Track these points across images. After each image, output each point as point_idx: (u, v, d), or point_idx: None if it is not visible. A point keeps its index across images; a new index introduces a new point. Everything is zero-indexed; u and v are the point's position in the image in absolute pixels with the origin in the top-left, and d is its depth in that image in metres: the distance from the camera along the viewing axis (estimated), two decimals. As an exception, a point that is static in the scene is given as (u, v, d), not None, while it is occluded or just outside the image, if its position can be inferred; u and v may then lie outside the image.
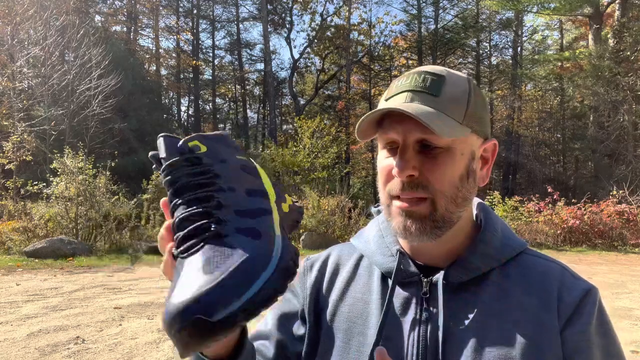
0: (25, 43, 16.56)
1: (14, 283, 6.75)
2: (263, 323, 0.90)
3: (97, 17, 26.28)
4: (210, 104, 33.25)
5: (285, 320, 0.87)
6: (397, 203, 0.75)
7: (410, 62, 29.94)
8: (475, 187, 0.78)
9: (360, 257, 0.88)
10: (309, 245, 11.40)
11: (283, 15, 30.97)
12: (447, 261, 0.78)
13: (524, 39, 29.18)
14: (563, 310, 0.72)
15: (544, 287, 0.74)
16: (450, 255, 0.79)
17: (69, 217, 10.40)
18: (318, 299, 0.87)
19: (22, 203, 11.18)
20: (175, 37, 30.45)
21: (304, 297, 0.88)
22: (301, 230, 12.09)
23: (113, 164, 11.50)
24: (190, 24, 31.31)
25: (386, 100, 0.77)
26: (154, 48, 29.82)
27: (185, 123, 32.42)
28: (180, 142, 0.61)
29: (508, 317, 0.72)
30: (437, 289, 0.75)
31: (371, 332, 0.77)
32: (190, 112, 33.74)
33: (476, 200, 0.86)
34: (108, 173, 11.26)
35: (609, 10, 21.38)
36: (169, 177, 0.59)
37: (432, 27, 28.51)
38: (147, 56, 29.42)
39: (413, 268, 0.79)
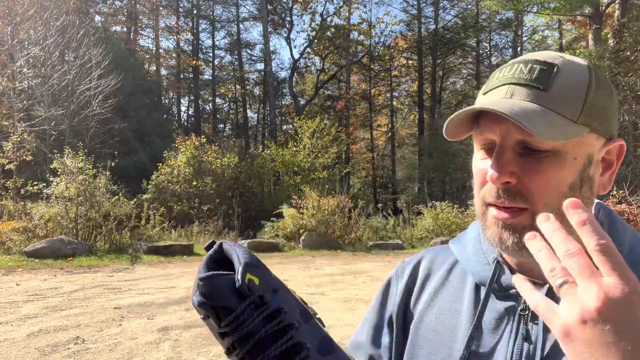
0: (25, 43, 16.58)
1: (14, 283, 6.75)
2: (359, 331, 0.86)
3: (97, 17, 26.32)
4: (210, 104, 33.28)
5: (376, 332, 0.82)
6: (492, 212, 0.66)
7: (410, 62, 29.95)
8: (593, 196, 0.67)
9: (455, 263, 0.80)
10: (309, 245, 11.40)
11: (283, 15, 30.99)
12: None
13: (524, 39, 29.21)
14: None
15: None
16: None
17: (69, 217, 10.40)
18: (407, 305, 0.80)
19: (22, 203, 11.19)
20: (175, 37, 30.48)
21: (393, 304, 0.82)
22: (301, 230, 12.09)
23: (113, 164, 11.51)
24: (190, 24, 31.34)
25: (484, 94, 0.68)
26: (154, 48, 29.85)
27: (185, 123, 32.45)
28: (240, 283, 0.52)
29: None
30: None
31: (458, 346, 0.69)
32: (190, 112, 33.81)
33: (596, 202, 0.74)
34: (108, 173, 11.27)
35: (609, 10, 21.38)
36: (241, 331, 0.51)
37: (432, 27, 28.52)
38: (147, 56, 29.45)
39: (510, 282, 0.69)
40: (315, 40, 30.30)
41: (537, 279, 0.68)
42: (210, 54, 32.06)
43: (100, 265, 8.71)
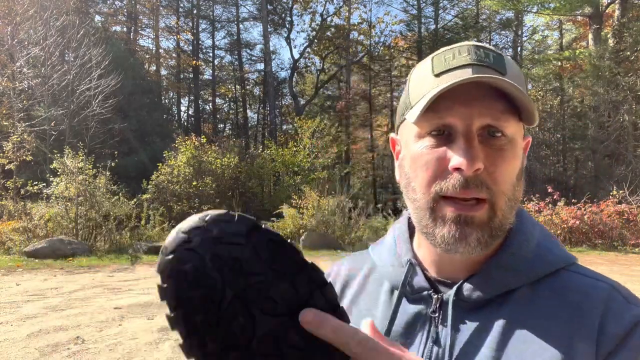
0: (25, 43, 16.57)
1: (14, 283, 6.75)
2: None
3: (97, 17, 26.32)
4: (210, 104, 33.28)
5: None
6: (449, 206, 0.60)
7: (410, 62, 29.93)
8: (523, 186, 0.65)
9: (373, 268, 0.78)
10: (309, 245, 11.39)
11: (283, 15, 30.98)
12: (468, 275, 0.66)
13: (524, 39, 29.19)
14: (604, 343, 0.56)
15: (582, 312, 0.58)
16: (472, 268, 0.66)
17: (69, 217, 10.39)
18: None
19: (22, 203, 11.18)
20: (175, 37, 30.47)
21: None
22: (301, 231, 12.09)
23: (113, 164, 11.51)
24: (190, 24, 31.33)
25: (437, 75, 0.62)
26: (154, 48, 29.85)
27: (185, 123, 32.44)
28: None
29: (530, 347, 0.58)
30: (447, 308, 0.63)
31: None
32: (190, 112, 33.80)
33: None
34: (108, 173, 11.26)
35: (609, 10, 21.37)
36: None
37: (432, 27, 28.52)
38: (147, 56, 29.44)
39: (423, 282, 0.67)
40: (315, 40, 30.30)
41: (449, 278, 0.67)
42: (210, 54, 32.08)
43: (100, 265, 8.70)
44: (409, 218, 0.76)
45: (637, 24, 19.28)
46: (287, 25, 30.63)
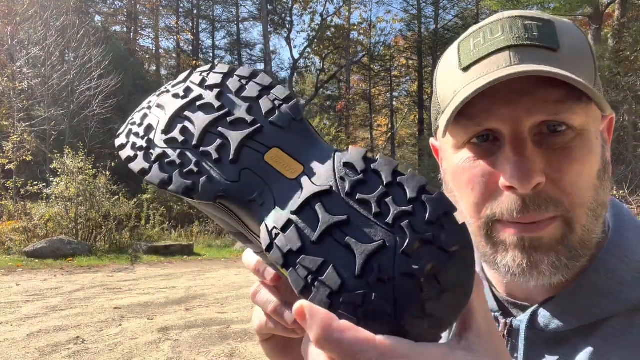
0: (25, 43, 16.57)
1: (14, 283, 6.75)
2: None
3: (97, 17, 26.34)
4: (210, 104, 33.33)
5: None
6: (508, 228, 0.48)
7: (410, 62, 29.95)
8: (610, 185, 0.50)
9: None
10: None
11: (283, 15, 30.99)
12: (546, 296, 0.53)
13: (524, 39, 29.27)
14: None
15: None
16: (553, 288, 0.52)
17: (69, 217, 10.39)
18: None
19: (22, 203, 11.18)
20: (175, 37, 30.49)
21: None
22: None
23: (113, 164, 11.51)
24: (190, 24, 31.35)
25: (465, 69, 0.49)
26: (154, 48, 29.89)
27: (185, 123, 32.50)
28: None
29: None
30: (519, 338, 0.52)
31: None
32: (190, 112, 33.85)
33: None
34: (108, 173, 11.27)
35: (609, 10, 21.40)
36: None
37: (432, 27, 28.54)
38: (147, 56, 29.47)
39: (490, 302, 0.55)
40: (315, 40, 30.32)
41: (519, 300, 0.55)
42: (210, 54, 32.09)
43: (100, 265, 8.70)
44: None
45: (637, 24, 19.30)
46: (287, 25, 30.65)
